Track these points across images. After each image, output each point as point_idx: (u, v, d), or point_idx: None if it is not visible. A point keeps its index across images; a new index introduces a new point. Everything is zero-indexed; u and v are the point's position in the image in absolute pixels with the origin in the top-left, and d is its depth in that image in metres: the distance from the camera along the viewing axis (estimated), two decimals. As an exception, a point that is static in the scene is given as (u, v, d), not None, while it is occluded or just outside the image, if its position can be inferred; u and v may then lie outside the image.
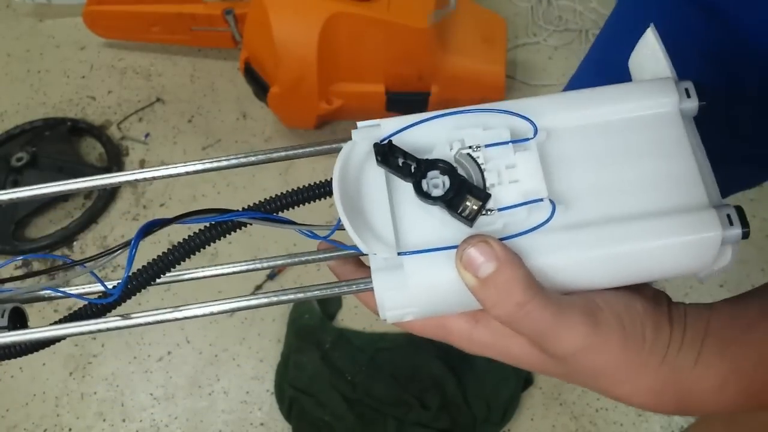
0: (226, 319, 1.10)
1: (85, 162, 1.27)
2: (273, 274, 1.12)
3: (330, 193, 0.32)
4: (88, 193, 1.23)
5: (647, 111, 0.32)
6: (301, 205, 0.33)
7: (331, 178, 0.32)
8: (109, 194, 1.22)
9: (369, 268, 0.32)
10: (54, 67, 1.38)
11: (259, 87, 1.18)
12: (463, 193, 0.30)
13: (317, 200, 0.33)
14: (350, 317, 1.10)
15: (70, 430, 1.03)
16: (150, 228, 0.31)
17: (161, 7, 1.26)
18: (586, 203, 0.31)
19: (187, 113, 1.32)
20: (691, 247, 0.30)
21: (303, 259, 0.36)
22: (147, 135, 1.30)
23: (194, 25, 1.27)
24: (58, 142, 1.26)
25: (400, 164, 0.30)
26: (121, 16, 1.29)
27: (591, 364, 0.31)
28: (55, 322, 0.32)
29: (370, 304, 0.33)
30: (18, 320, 0.34)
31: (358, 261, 0.36)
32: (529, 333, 0.30)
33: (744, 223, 0.30)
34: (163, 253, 0.32)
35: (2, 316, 0.34)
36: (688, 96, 0.32)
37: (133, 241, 0.30)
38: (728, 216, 0.30)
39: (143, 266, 0.32)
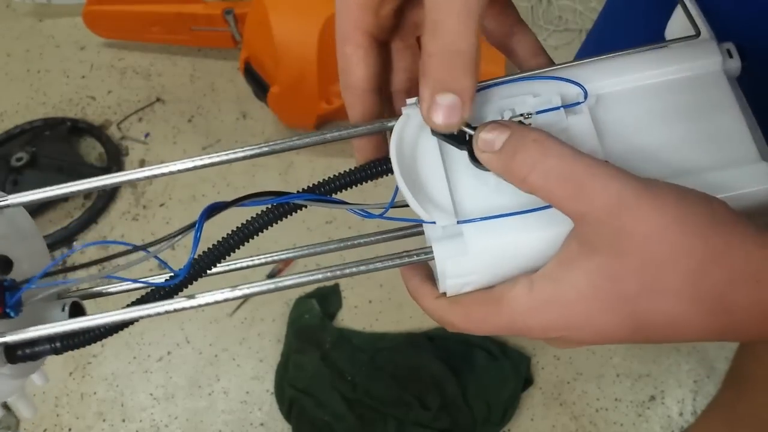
0: (226, 320, 1.10)
1: (85, 162, 1.27)
2: (273, 273, 1.12)
3: (383, 172, 0.33)
4: (87, 193, 1.23)
5: (692, 72, 0.32)
6: (356, 186, 0.34)
7: (383, 158, 0.33)
8: (109, 194, 1.22)
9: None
10: (54, 67, 1.38)
11: (259, 87, 1.18)
12: None
13: (372, 180, 0.34)
14: (350, 317, 1.10)
15: (69, 430, 1.03)
16: (212, 210, 0.32)
17: (161, 6, 1.26)
18: (638, 164, 0.31)
19: (187, 113, 1.32)
20: (745, 200, 0.30)
21: (360, 241, 0.36)
22: (147, 135, 1.30)
23: (194, 25, 1.27)
24: (58, 142, 1.26)
25: (455, 132, 0.31)
26: (121, 16, 1.29)
27: (631, 228, 0.26)
28: (127, 306, 0.32)
29: (418, 292, 0.33)
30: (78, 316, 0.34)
31: None
32: (557, 178, 0.27)
33: None
34: (224, 237, 0.32)
35: (63, 310, 0.34)
36: (731, 56, 0.32)
37: (197, 223, 0.31)
38: None
39: (205, 251, 0.33)
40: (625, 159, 0.31)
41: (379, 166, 0.33)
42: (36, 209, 1.20)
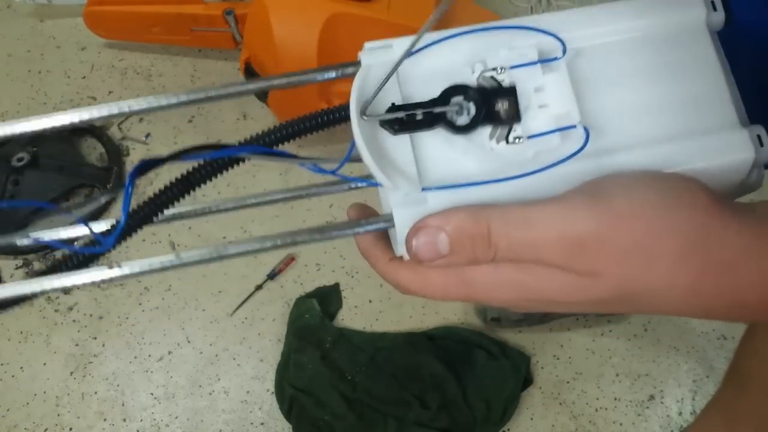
0: (227, 319, 1.10)
1: (86, 162, 1.27)
2: (273, 273, 1.12)
3: (336, 121, 0.30)
4: (88, 193, 1.23)
5: (674, 25, 0.30)
6: (305, 135, 0.30)
7: (339, 105, 0.29)
8: (110, 195, 1.22)
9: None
10: (55, 68, 1.39)
11: (260, 87, 1.18)
12: (490, 113, 0.27)
13: (323, 129, 0.30)
14: (350, 317, 1.10)
15: (70, 429, 1.03)
16: (143, 168, 0.28)
17: (162, 7, 1.26)
18: (616, 127, 0.29)
19: (187, 113, 1.32)
20: (723, 170, 0.29)
21: (313, 191, 0.33)
22: (148, 135, 1.30)
23: (195, 26, 1.27)
24: (59, 143, 1.26)
25: (420, 118, 0.28)
26: (122, 16, 1.29)
27: (603, 257, 0.26)
28: (33, 274, 0.29)
29: (370, 252, 0.32)
30: None
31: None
32: (522, 248, 0.27)
33: None
34: (157, 192, 0.29)
35: None
36: (714, 9, 0.30)
37: (127, 182, 0.27)
38: (758, 137, 0.29)
39: (135, 208, 0.29)
40: (602, 121, 0.29)
41: (332, 114, 0.30)
42: (37, 210, 1.20)
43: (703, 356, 1.06)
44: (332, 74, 0.30)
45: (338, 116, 0.30)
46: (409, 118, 0.28)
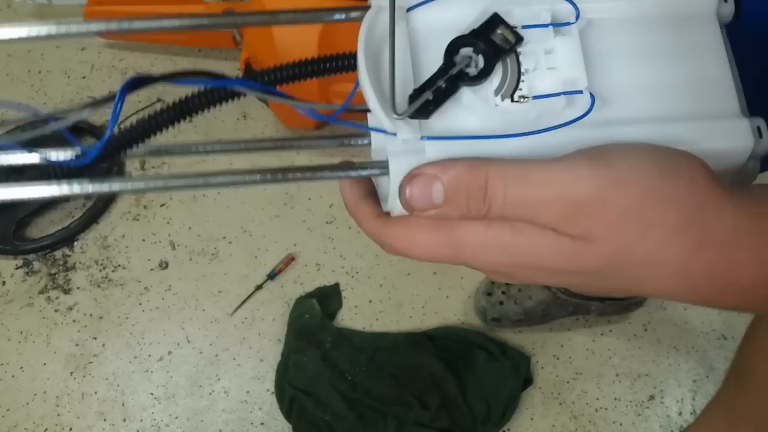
0: (227, 319, 1.10)
1: (86, 162, 1.27)
2: (273, 273, 1.12)
3: (340, 69, 0.29)
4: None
5: (685, 10, 0.31)
6: (309, 78, 0.29)
7: (341, 54, 0.29)
8: (110, 195, 1.22)
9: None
10: (55, 68, 1.39)
11: (260, 87, 1.18)
12: (496, 49, 0.27)
13: (327, 75, 0.30)
14: (350, 317, 1.10)
15: (70, 429, 1.03)
16: (135, 83, 0.27)
17: (161, 7, 1.26)
18: (621, 100, 0.29)
19: (187, 113, 1.32)
20: (720, 156, 0.29)
21: (300, 143, 0.32)
22: (147, 135, 1.30)
23: (195, 26, 1.27)
24: (59, 143, 1.26)
25: (444, 86, 0.27)
26: (122, 16, 1.29)
27: (600, 217, 0.26)
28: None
29: (357, 208, 0.31)
30: None
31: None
32: (516, 207, 0.26)
33: None
34: (146, 117, 0.29)
35: None
36: (725, 0, 0.31)
37: (117, 97, 0.26)
38: (758, 128, 0.29)
39: (125, 129, 0.28)
40: (607, 93, 0.29)
41: (338, 60, 0.29)
42: (37, 210, 1.20)
43: (703, 356, 1.06)
44: (342, 15, 0.29)
45: (343, 64, 0.29)
46: (435, 94, 0.28)
